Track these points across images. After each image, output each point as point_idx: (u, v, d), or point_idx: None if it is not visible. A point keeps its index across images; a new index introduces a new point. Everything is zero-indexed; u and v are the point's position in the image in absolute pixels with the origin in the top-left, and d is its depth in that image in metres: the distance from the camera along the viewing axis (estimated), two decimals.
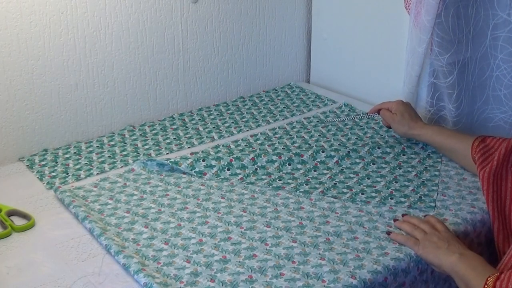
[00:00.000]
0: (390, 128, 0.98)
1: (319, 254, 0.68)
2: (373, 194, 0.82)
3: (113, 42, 1.03)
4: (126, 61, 1.06)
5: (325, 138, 1.01)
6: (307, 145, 0.98)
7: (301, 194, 0.82)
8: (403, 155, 0.93)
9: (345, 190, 0.83)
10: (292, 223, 0.75)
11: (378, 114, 1.00)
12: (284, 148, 0.97)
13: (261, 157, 0.90)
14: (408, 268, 0.68)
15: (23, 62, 0.94)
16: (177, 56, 1.12)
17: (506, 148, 0.77)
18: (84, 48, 1.00)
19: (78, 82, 1.01)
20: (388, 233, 0.72)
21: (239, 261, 0.67)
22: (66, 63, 0.99)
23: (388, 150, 0.94)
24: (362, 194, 0.82)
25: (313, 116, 1.10)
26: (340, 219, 0.76)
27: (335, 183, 0.85)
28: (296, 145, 0.98)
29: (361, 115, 1.06)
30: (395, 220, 0.75)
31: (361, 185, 0.84)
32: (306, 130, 1.04)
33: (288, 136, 1.02)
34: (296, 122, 1.08)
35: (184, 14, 1.11)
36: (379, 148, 0.95)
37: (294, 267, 0.66)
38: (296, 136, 1.02)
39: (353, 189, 0.83)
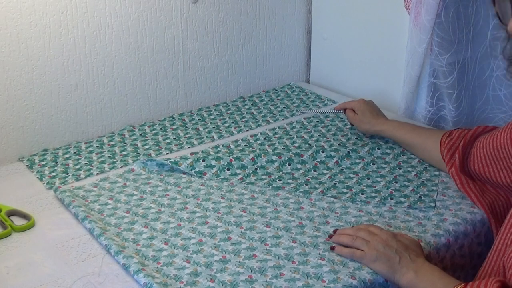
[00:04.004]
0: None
1: (319, 254, 0.68)
2: (373, 194, 0.82)
3: (113, 42, 1.03)
4: (126, 61, 1.06)
5: (325, 138, 1.01)
6: (307, 145, 0.98)
7: (301, 194, 0.82)
8: (403, 155, 0.93)
9: (345, 190, 0.83)
10: (292, 223, 0.75)
11: (344, 113, 1.02)
12: (284, 148, 0.97)
13: (261, 157, 0.90)
14: None
15: (23, 62, 0.94)
16: (177, 56, 1.12)
17: (464, 146, 0.78)
18: (84, 48, 1.00)
19: (78, 82, 1.01)
20: (332, 248, 0.68)
21: (239, 261, 0.67)
22: (66, 63, 0.99)
23: (387, 150, 0.94)
24: (362, 194, 0.82)
25: (313, 116, 1.10)
26: (340, 219, 0.76)
27: (335, 183, 0.85)
28: (296, 145, 0.98)
29: (328, 112, 1.09)
30: (330, 236, 0.70)
31: (361, 185, 0.84)
32: (306, 130, 1.04)
33: (288, 136, 1.02)
34: (296, 122, 1.08)
35: (184, 14, 1.11)
36: (379, 148, 0.95)
37: (294, 267, 0.66)
38: (296, 136, 1.02)
39: (353, 189, 0.83)
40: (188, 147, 0.99)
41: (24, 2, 0.91)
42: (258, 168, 0.89)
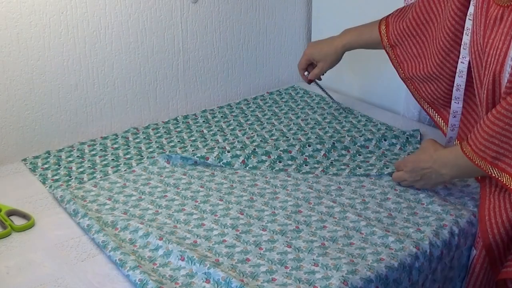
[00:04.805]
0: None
1: (313, 260, 0.68)
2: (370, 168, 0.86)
3: (113, 42, 1.03)
4: (126, 61, 1.06)
5: (339, 134, 1.02)
6: (338, 134, 1.02)
7: (301, 195, 0.82)
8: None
9: (343, 167, 0.88)
10: (288, 227, 0.75)
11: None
12: (318, 137, 1.00)
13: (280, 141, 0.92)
14: (399, 279, 0.68)
15: (23, 62, 0.94)
16: (177, 56, 1.12)
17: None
18: (84, 48, 1.00)
19: (78, 82, 1.01)
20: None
21: (232, 264, 0.67)
22: (66, 63, 0.99)
23: (393, 141, 0.95)
24: (360, 168, 0.88)
25: (327, 113, 1.12)
26: (338, 224, 0.76)
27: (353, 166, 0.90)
28: (311, 140, 0.99)
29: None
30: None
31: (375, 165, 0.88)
32: (320, 126, 1.06)
33: (302, 132, 1.04)
34: (310, 119, 1.09)
35: (184, 14, 1.11)
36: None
37: (286, 273, 0.66)
38: (311, 132, 1.03)
39: (349, 165, 0.89)
40: (193, 150, 0.98)
41: (24, 2, 0.91)
42: (282, 152, 0.92)
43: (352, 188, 0.85)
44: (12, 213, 0.80)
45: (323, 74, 1.06)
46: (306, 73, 1.06)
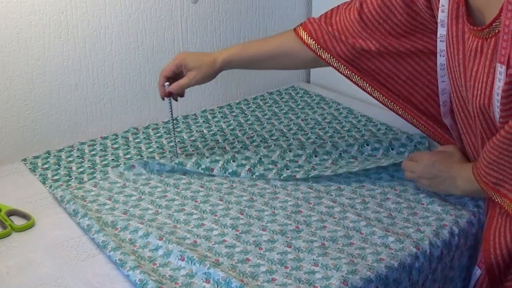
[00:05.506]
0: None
1: (313, 260, 0.68)
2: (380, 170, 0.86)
3: (113, 42, 1.03)
4: (126, 61, 1.06)
5: (339, 134, 1.02)
6: (339, 134, 1.01)
7: (301, 196, 0.82)
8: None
9: (352, 165, 0.88)
10: (288, 227, 0.75)
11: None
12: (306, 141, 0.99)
13: (287, 152, 0.92)
14: (399, 279, 0.68)
15: (23, 62, 0.94)
16: None
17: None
18: (84, 48, 1.00)
19: (78, 82, 1.02)
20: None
21: (232, 264, 0.68)
22: (66, 63, 0.99)
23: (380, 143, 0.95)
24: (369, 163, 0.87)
25: (327, 113, 1.12)
26: (338, 224, 0.76)
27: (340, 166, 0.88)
28: (311, 140, 0.99)
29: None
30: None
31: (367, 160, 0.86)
32: (320, 126, 1.06)
33: (302, 132, 1.03)
34: (310, 119, 1.09)
35: (184, 14, 1.11)
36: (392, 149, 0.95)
37: (286, 273, 0.66)
38: (311, 132, 1.03)
39: (358, 158, 0.89)
40: (192, 150, 0.98)
41: (24, 2, 0.91)
42: (289, 162, 0.90)
43: (352, 188, 0.85)
44: (12, 213, 0.80)
45: (182, 96, 0.87)
46: (167, 84, 0.85)
